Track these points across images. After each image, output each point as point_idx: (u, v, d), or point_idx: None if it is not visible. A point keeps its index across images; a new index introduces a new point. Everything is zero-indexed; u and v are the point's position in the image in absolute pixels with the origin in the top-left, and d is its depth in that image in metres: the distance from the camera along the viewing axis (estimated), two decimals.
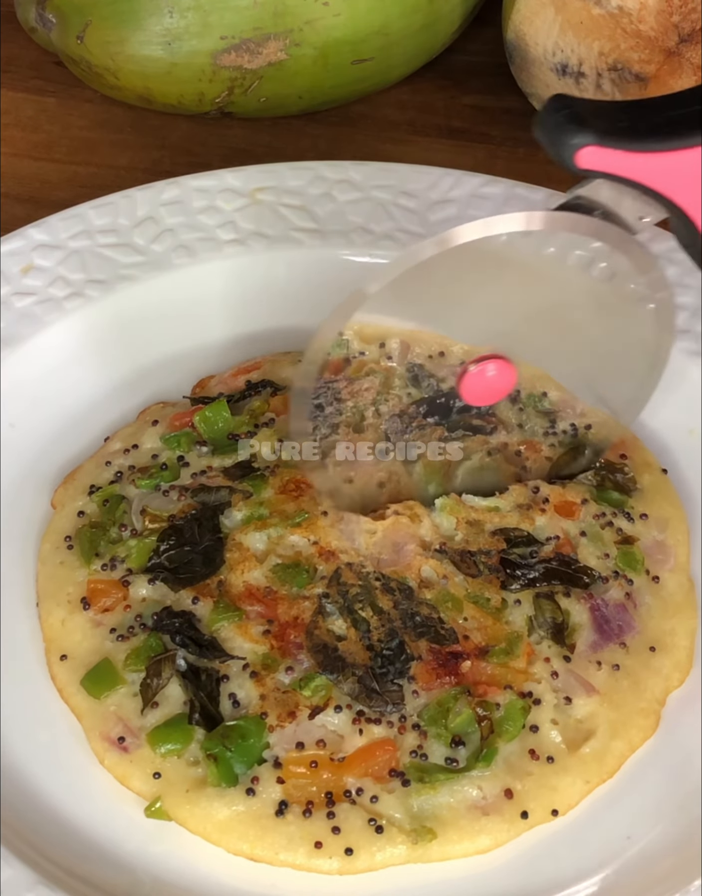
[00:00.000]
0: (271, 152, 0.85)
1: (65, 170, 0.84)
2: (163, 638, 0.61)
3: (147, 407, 0.72)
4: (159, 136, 0.86)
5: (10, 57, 0.90)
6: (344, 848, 0.57)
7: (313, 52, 0.79)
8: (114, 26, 0.78)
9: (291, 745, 0.58)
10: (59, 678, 0.62)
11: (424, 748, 0.58)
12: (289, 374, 0.71)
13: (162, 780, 0.58)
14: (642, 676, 0.62)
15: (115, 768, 0.59)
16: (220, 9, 0.77)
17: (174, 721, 0.59)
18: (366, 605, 0.61)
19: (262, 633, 0.61)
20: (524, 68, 0.81)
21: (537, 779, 0.59)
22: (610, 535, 0.66)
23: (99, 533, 0.65)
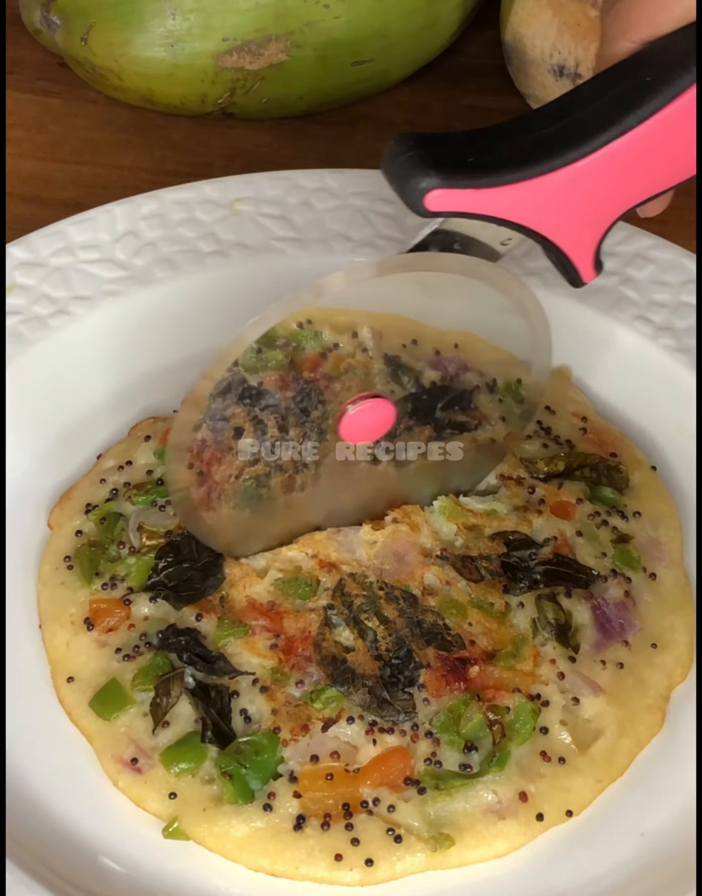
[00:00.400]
0: (272, 152, 0.86)
1: (69, 170, 0.85)
2: (169, 656, 0.61)
3: (138, 423, 0.72)
4: (162, 136, 0.87)
5: (14, 58, 0.91)
6: (364, 859, 0.57)
7: (314, 53, 0.80)
8: (117, 28, 0.79)
9: (305, 759, 0.58)
10: (67, 700, 0.62)
11: (437, 755, 0.59)
12: None
13: (178, 799, 0.58)
14: (646, 674, 0.63)
15: (130, 790, 0.59)
16: (222, 11, 0.78)
17: (187, 740, 0.59)
18: (371, 615, 0.62)
19: (269, 647, 0.61)
20: (522, 70, 0.82)
21: (550, 780, 0.59)
22: (606, 535, 0.66)
23: (98, 552, 0.65)
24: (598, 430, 0.71)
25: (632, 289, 0.74)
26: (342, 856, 0.57)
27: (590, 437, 0.70)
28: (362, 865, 0.57)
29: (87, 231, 0.75)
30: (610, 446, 0.70)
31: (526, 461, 0.68)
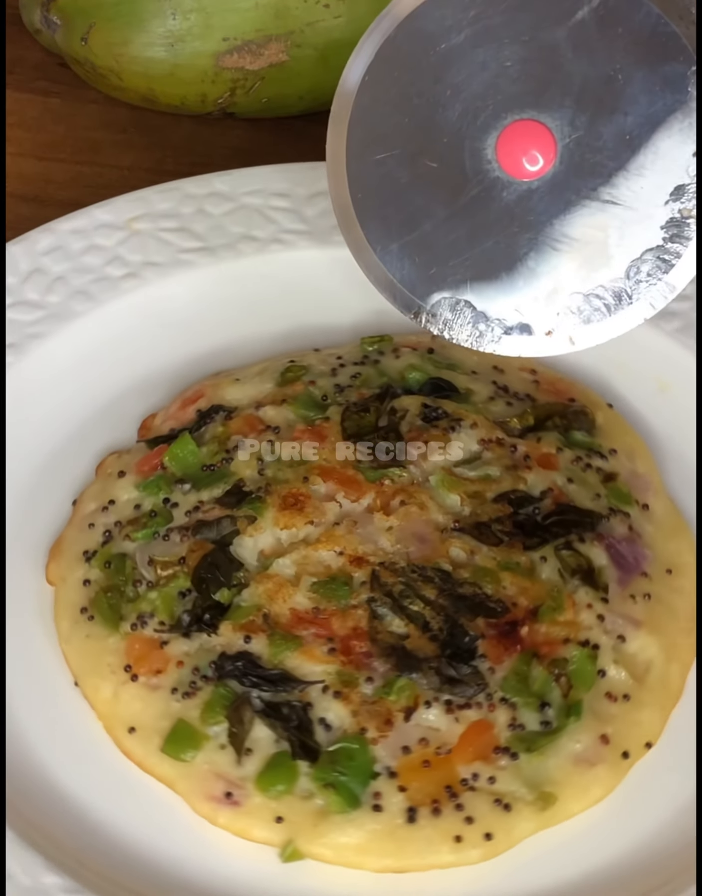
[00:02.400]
0: (273, 152, 0.85)
1: (69, 169, 0.85)
2: (230, 684, 0.60)
3: (101, 461, 0.70)
4: (162, 136, 0.87)
5: (15, 58, 0.90)
6: (482, 834, 0.58)
7: (314, 53, 0.80)
8: (117, 28, 0.79)
9: (397, 752, 0.59)
10: (135, 752, 0.60)
11: (518, 719, 0.60)
12: (231, 395, 0.71)
13: (286, 822, 0.58)
14: (671, 599, 0.66)
15: (233, 824, 0.58)
16: (222, 11, 0.78)
17: (276, 761, 0.59)
18: (414, 599, 0.62)
19: (327, 652, 0.60)
20: None
21: (623, 718, 0.61)
22: (593, 477, 0.68)
23: (115, 596, 0.64)
24: (549, 380, 0.73)
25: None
26: (461, 836, 0.58)
27: (544, 387, 0.72)
28: (482, 841, 0.58)
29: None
30: (566, 393, 0.72)
31: (499, 422, 0.69)
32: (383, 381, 0.71)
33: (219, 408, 0.70)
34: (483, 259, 0.59)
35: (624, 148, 0.56)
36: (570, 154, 0.57)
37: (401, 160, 0.58)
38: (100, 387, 0.73)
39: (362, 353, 0.73)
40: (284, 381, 0.71)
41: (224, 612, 0.62)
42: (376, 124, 0.58)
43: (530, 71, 0.56)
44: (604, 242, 0.58)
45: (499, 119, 0.57)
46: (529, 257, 0.59)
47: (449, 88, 0.56)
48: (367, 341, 0.73)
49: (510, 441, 0.68)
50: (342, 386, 0.70)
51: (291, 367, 0.72)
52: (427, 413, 0.69)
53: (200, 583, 0.63)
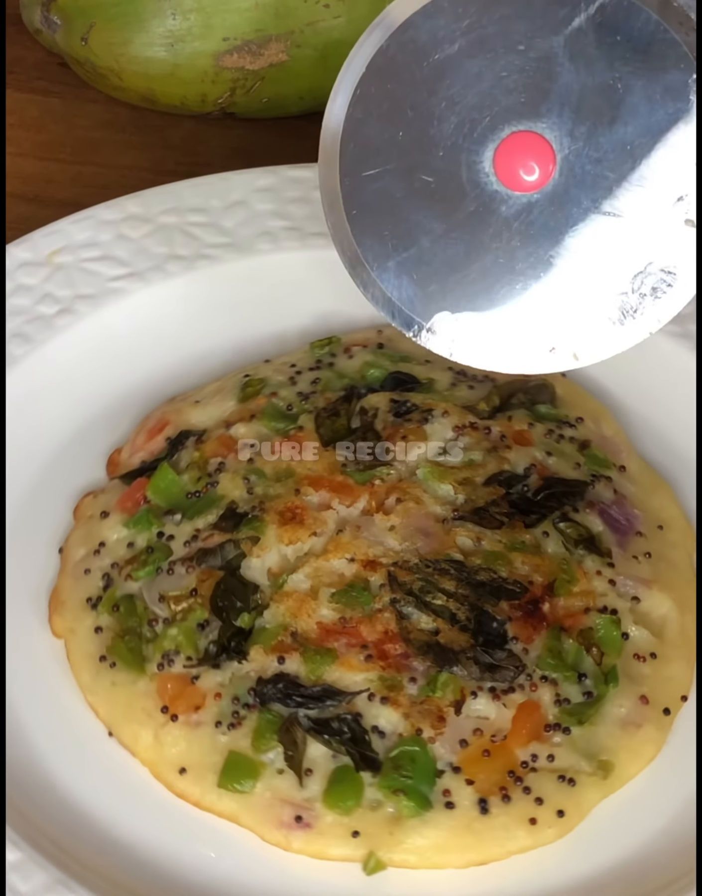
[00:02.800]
0: (273, 152, 0.85)
1: (69, 169, 0.85)
2: (274, 708, 0.59)
3: (77, 504, 0.68)
4: (162, 136, 0.87)
5: (15, 58, 0.90)
6: (555, 812, 0.58)
7: (314, 53, 0.80)
8: (118, 28, 0.79)
9: (456, 747, 0.59)
10: (191, 793, 0.59)
11: (561, 694, 0.60)
12: (196, 418, 0.70)
13: (362, 836, 0.57)
14: (669, 553, 0.67)
15: (309, 847, 0.58)
16: (222, 11, 0.78)
17: (339, 776, 0.58)
18: (435, 593, 0.62)
19: (364, 659, 0.60)
20: None
21: (655, 676, 0.62)
22: (568, 446, 0.69)
23: (133, 639, 0.62)
24: None
25: None
26: (536, 819, 0.58)
27: None
28: (556, 819, 0.58)
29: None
30: None
31: (467, 407, 0.70)
32: (345, 383, 0.70)
33: (187, 433, 0.69)
34: (484, 274, 0.57)
35: (625, 158, 0.55)
36: (570, 166, 0.55)
37: (396, 175, 0.56)
38: (54, 429, 0.71)
39: (315, 358, 0.72)
40: (246, 397, 0.70)
41: (248, 636, 0.61)
42: (370, 138, 0.56)
43: (526, 81, 0.54)
44: (607, 256, 0.56)
45: (496, 131, 0.55)
46: (530, 272, 0.57)
47: (444, 100, 0.55)
48: (316, 345, 0.73)
49: (483, 424, 0.69)
50: (305, 393, 0.70)
51: (249, 381, 0.71)
52: (397, 408, 0.69)
53: (220, 611, 0.62)
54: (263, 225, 0.76)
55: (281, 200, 0.77)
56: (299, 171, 0.78)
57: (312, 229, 0.77)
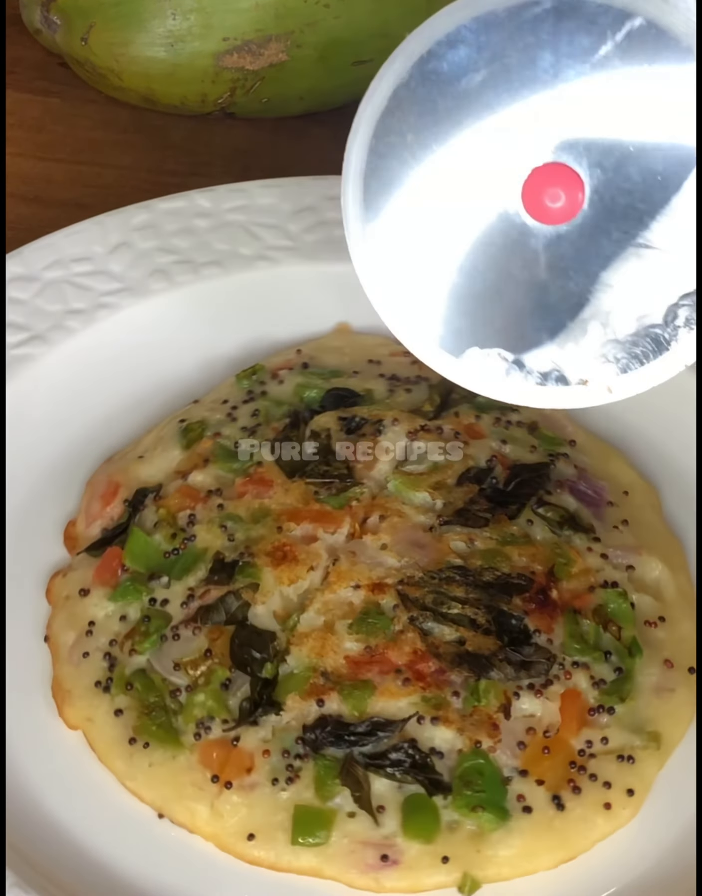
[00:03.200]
0: (273, 152, 0.86)
1: (69, 170, 0.85)
2: (328, 752, 0.58)
3: (48, 587, 0.65)
4: (162, 136, 0.86)
5: (15, 58, 0.90)
6: (624, 792, 0.59)
7: (314, 53, 0.80)
8: (118, 28, 0.78)
9: (516, 751, 0.58)
10: (265, 858, 0.57)
11: (595, 676, 0.61)
12: (146, 473, 0.67)
13: (452, 860, 0.57)
14: (641, 516, 0.68)
15: (401, 883, 0.57)
16: (222, 11, 0.77)
17: (413, 806, 0.57)
18: (449, 602, 0.61)
19: (402, 684, 0.59)
20: None
21: (670, 639, 0.63)
22: (518, 431, 0.70)
23: (159, 714, 0.60)
24: None
25: None
26: (610, 803, 0.58)
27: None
28: (627, 799, 0.59)
29: None
30: None
31: (413, 411, 0.69)
32: (285, 410, 0.69)
33: (143, 491, 0.66)
34: (514, 309, 0.55)
35: (656, 189, 0.53)
36: (599, 197, 0.53)
37: (420, 211, 0.54)
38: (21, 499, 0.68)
39: (245, 390, 0.71)
40: (190, 442, 0.68)
41: (274, 686, 0.60)
42: (393, 172, 0.53)
43: (553, 111, 0.52)
44: (639, 288, 0.54)
45: (524, 163, 0.53)
46: (561, 305, 0.55)
47: (469, 132, 0.53)
48: (242, 376, 0.71)
49: (433, 424, 0.68)
50: (249, 427, 0.68)
51: (187, 426, 0.69)
52: (347, 425, 0.68)
53: (244, 666, 0.60)
54: (152, 263, 0.74)
55: (162, 235, 0.75)
56: (174, 202, 0.76)
57: (203, 259, 0.74)
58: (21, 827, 0.57)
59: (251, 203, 0.76)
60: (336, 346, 0.73)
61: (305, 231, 0.76)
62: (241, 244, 0.75)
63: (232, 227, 0.75)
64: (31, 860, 0.56)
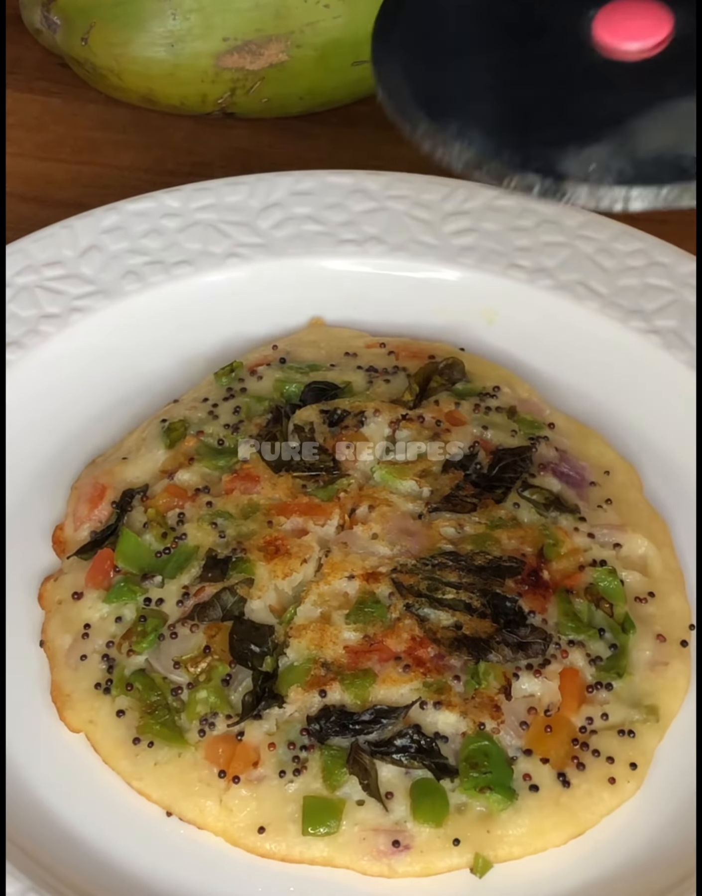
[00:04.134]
0: (272, 152, 0.86)
1: (69, 169, 0.85)
2: (333, 742, 0.58)
3: (40, 592, 0.65)
4: (162, 136, 0.87)
5: (15, 58, 0.90)
6: (628, 765, 0.59)
7: (314, 53, 0.80)
8: (118, 28, 0.78)
9: (520, 731, 0.59)
10: (277, 850, 0.57)
11: (591, 653, 0.62)
12: (131, 475, 0.67)
13: (463, 842, 0.57)
14: (624, 494, 0.69)
15: (413, 868, 0.57)
16: (222, 11, 0.77)
17: (421, 791, 0.57)
18: (443, 588, 0.62)
19: (402, 671, 0.60)
20: None
21: (660, 612, 0.64)
22: (498, 416, 0.70)
23: (162, 712, 0.60)
24: (402, 346, 0.74)
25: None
26: (614, 777, 0.59)
27: (403, 355, 0.73)
28: (631, 772, 0.59)
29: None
30: (424, 352, 0.73)
31: (394, 401, 0.70)
32: (266, 405, 0.69)
33: (130, 492, 0.66)
34: (573, 116, 0.49)
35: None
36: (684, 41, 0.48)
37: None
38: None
39: (224, 387, 0.71)
40: (173, 442, 0.68)
41: (274, 679, 0.60)
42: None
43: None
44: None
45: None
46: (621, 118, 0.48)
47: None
48: (221, 374, 0.71)
49: (414, 413, 0.69)
50: (232, 424, 0.68)
51: (170, 425, 0.69)
52: (329, 418, 0.68)
53: (244, 660, 0.60)
54: (124, 265, 0.74)
55: (132, 237, 0.75)
56: (141, 203, 0.76)
57: (174, 259, 0.75)
58: (32, 832, 0.57)
59: (219, 201, 0.76)
60: (312, 340, 0.74)
61: (274, 227, 0.76)
62: (211, 243, 0.75)
63: (201, 226, 0.75)
64: (44, 863, 0.56)
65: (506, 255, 0.75)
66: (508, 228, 0.76)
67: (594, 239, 0.76)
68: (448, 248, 0.76)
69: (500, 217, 0.76)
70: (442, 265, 0.76)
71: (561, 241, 0.76)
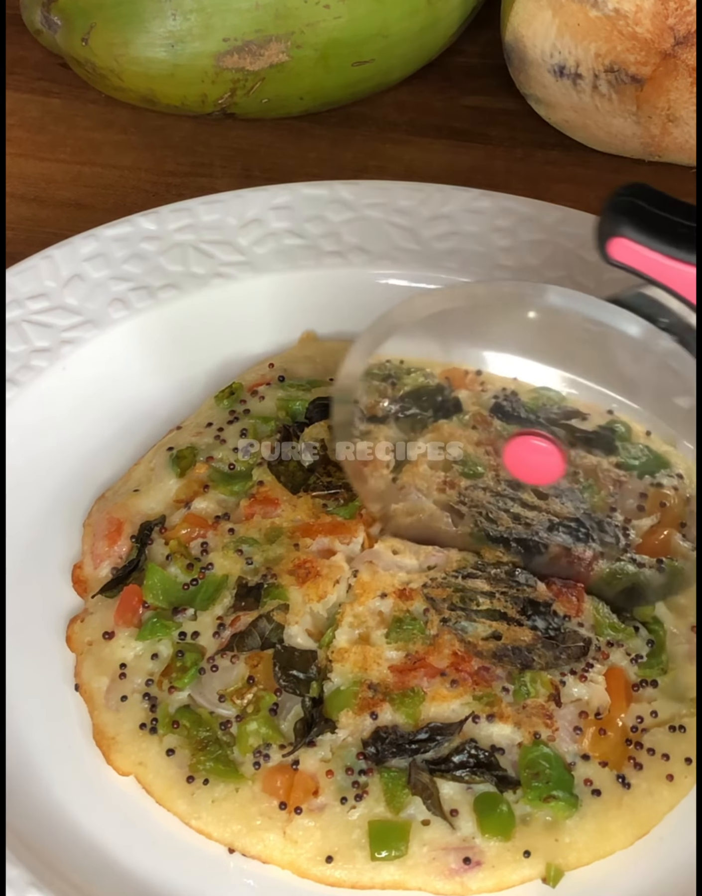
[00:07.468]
0: (273, 153, 0.85)
1: (69, 170, 0.84)
2: (392, 764, 0.58)
3: (68, 634, 0.63)
4: (162, 136, 0.86)
5: (15, 59, 0.90)
6: (684, 761, 0.60)
7: (314, 53, 0.79)
8: (118, 29, 0.77)
9: (575, 737, 0.59)
10: (346, 878, 0.57)
11: (631, 652, 0.62)
12: (146, 506, 0.66)
13: (533, 853, 0.57)
14: None
15: (487, 883, 0.57)
16: (222, 11, 0.77)
17: (485, 805, 0.57)
18: (476, 598, 0.62)
19: (450, 686, 0.59)
20: (522, 70, 0.81)
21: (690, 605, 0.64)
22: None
23: (214, 748, 0.59)
24: None
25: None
26: (672, 774, 0.59)
27: None
28: (687, 767, 0.60)
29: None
30: None
31: None
32: (273, 426, 0.68)
33: (148, 525, 0.65)
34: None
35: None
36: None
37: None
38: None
39: (227, 410, 0.69)
40: (183, 470, 0.67)
41: (321, 705, 0.59)
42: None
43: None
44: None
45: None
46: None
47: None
48: (221, 397, 0.70)
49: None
50: (240, 448, 0.67)
51: (178, 453, 0.67)
52: None
53: (292, 688, 0.59)
54: (108, 292, 0.72)
55: (113, 263, 0.73)
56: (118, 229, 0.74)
57: (159, 283, 0.73)
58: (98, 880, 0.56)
59: (196, 221, 0.75)
60: (307, 356, 0.73)
61: (254, 244, 0.75)
62: (193, 264, 0.74)
63: (182, 248, 0.74)
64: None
65: (490, 256, 0.75)
66: (488, 229, 0.76)
67: (575, 234, 0.76)
68: (432, 253, 0.75)
69: (478, 218, 0.76)
70: (427, 270, 0.75)
71: (543, 238, 0.76)
